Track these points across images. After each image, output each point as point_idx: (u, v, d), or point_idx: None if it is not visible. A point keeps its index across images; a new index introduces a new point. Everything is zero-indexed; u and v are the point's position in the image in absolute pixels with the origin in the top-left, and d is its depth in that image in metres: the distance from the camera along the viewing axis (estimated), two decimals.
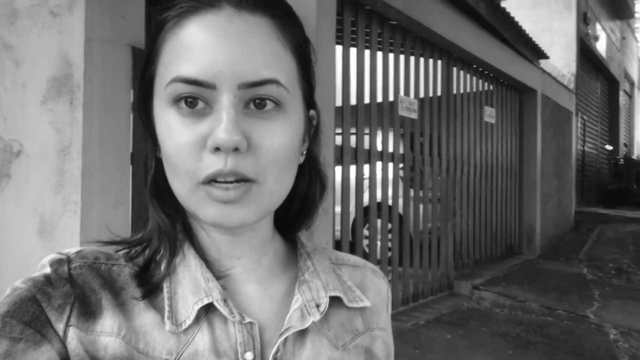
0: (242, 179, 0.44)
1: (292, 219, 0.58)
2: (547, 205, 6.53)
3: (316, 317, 0.51)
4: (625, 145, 12.08)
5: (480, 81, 5.42)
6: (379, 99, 3.88)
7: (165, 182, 0.50)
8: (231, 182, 0.44)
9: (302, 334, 0.50)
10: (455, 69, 4.94)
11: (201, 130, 0.44)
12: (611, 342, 3.47)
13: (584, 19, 9.02)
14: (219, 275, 0.51)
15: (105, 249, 0.51)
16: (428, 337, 3.42)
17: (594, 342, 3.47)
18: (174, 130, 0.45)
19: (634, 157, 11.50)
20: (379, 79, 3.85)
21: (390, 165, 4.01)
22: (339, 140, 3.34)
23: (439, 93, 4.71)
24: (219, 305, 0.47)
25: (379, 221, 3.93)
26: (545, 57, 6.30)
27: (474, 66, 5.22)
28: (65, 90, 1.58)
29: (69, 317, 0.44)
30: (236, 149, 0.43)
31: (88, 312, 0.45)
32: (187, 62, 0.44)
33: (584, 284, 4.93)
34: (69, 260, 0.48)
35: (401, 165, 4.15)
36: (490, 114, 5.58)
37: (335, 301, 0.54)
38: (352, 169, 3.55)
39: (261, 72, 0.44)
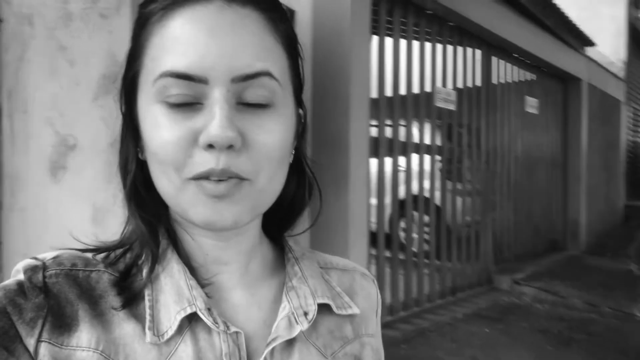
0: (236, 177, 0.43)
1: (279, 220, 0.56)
2: (593, 199, 6.37)
3: (304, 325, 0.49)
4: None
5: (522, 71, 5.34)
6: (416, 90, 3.90)
7: (145, 186, 0.49)
8: (223, 180, 0.43)
9: (290, 343, 0.49)
10: (494, 58, 4.88)
11: (192, 126, 0.42)
12: None
13: (634, 4, 8.74)
14: (204, 283, 0.49)
15: (84, 253, 0.49)
16: (466, 331, 3.44)
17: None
18: (162, 125, 0.43)
19: None
20: (415, 69, 3.87)
21: (427, 157, 4.03)
22: (374, 132, 3.39)
23: (478, 83, 4.68)
24: (203, 315, 0.46)
25: (415, 214, 3.96)
26: (591, 44, 6.13)
27: (515, 55, 5.14)
28: (114, 88, 1.71)
29: (40, 332, 0.42)
30: (230, 147, 0.42)
31: (63, 324, 0.43)
32: (176, 56, 0.42)
33: (631, 281, 4.81)
34: (44, 267, 0.45)
35: (439, 157, 4.16)
36: (532, 104, 5.48)
37: (323, 308, 0.53)
38: (388, 161, 3.59)
39: (254, 64, 0.43)
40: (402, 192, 3.88)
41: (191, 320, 0.46)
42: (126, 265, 0.48)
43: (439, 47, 4.17)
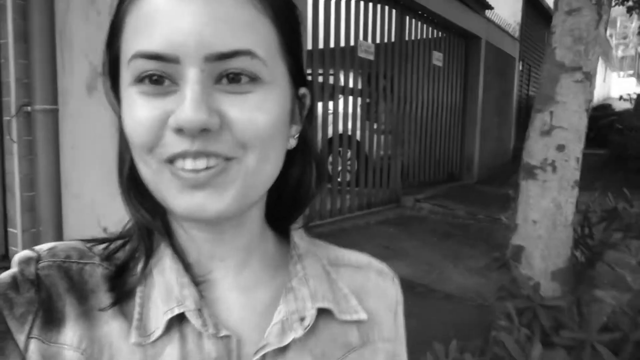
0: (214, 156, 0.40)
1: (284, 210, 0.53)
2: (486, 139, 7.81)
3: (298, 332, 0.46)
4: None
5: (430, 29, 6.46)
6: (342, 43, 4.88)
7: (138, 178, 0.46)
8: (202, 169, 0.40)
9: (282, 350, 0.46)
10: (407, 17, 5.93)
11: (164, 107, 0.40)
12: None
13: None
14: (197, 280, 0.47)
15: (81, 245, 0.48)
16: (377, 230, 4.65)
17: (501, 235, 4.79)
18: (135, 107, 0.41)
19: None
20: (342, 25, 4.84)
21: (351, 99, 5.07)
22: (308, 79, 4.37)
23: (393, 39, 5.74)
24: (191, 317, 0.44)
25: (340, 150, 5.04)
26: (490, 7, 7.36)
27: (425, 15, 6.23)
28: None
29: (31, 328, 0.42)
30: (205, 130, 0.39)
31: (53, 320, 0.42)
32: (147, 36, 0.40)
33: (506, 200, 6.28)
34: (38, 258, 0.45)
35: (360, 101, 5.22)
36: (438, 58, 6.66)
37: (326, 312, 0.49)
38: (319, 105, 4.60)
39: (231, 42, 0.39)
40: (330, 132, 4.93)
41: (181, 320, 0.44)
42: (123, 259, 0.47)
43: (362, 6, 5.15)
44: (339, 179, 5.00)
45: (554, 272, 2.35)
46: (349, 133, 5.09)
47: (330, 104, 4.80)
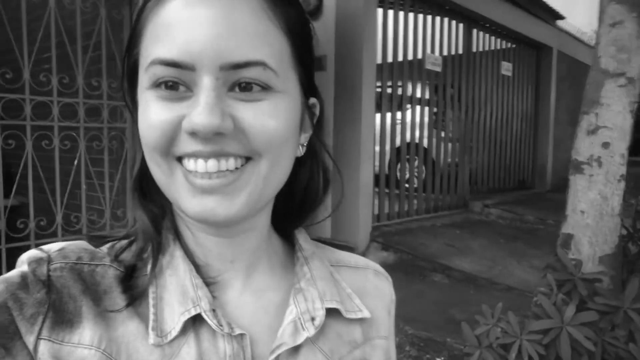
0: (226, 156, 0.43)
1: (290, 215, 0.56)
2: (559, 148, 7.83)
3: (310, 331, 0.49)
4: None
5: (499, 40, 6.71)
6: (410, 56, 5.30)
7: (152, 178, 0.48)
8: (214, 172, 0.43)
9: (295, 349, 0.49)
10: (475, 30, 6.24)
11: (179, 111, 0.43)
12: None
13: None
14: (208, 281, 0.49)
15: (90, 246, 0.49)
16: (442, 231, 4.97)
17: None
18: (150, 110, 0.44)
19: None
20: (410, 39, 5.26)
21: (418, 109, 5.46)
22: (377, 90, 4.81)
23: (460, 51, 6.07)
24: (207, 317, 0.46)
25: (409, 157, 5.42)
26: (561, 17, 7.48)
27: (492, 27, 6.50)
28: None
29: (40, 329, 0.43)
30: (219, 134, 0.42)
31: (64, 320, 0.44)
32: (165, 43, 0.42)
33: None
34: (49, 259, 0.46)
35: (428, 110, 5.59)
36: (507, 68, 6.88)
37: (332, 311, 0.52)
38: (389, 115, 5.03)
39: (246, 53, 0.42)
40: (398, 140, 5.28)
41: (195, 321, 0.46)
42: (132, 260, 0.48)
43: (429, 20, 5.54)
44: (406, 185, 5.38)
45: (601, 257, 2.62)
46: (417, 141, 5.46)
47: (399, 114, 5.21)
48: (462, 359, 2.28)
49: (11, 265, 0.58)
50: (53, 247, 0.48)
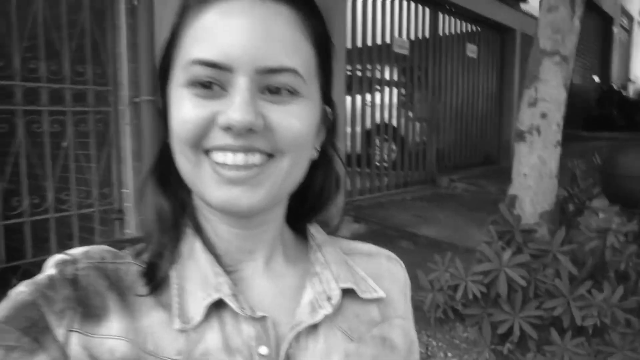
0: (253, 151, 0.47)
1: (303, 212, 0.60)
2: None
3: (328, 310, 0.52)
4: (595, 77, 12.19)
5: (464, 23, 7.06)
6: (379, 40, 5.59)
7: (169, 171, 0.52)
8: (241, 165, 0.46)
9: (314, 327, 0.52)
10: (440, 13, 6.56)
11: (213, 108, 0.46)
12: None
13: None
14: (229, 270, 0.52)
15: (112, 248, 0.52)
16: (411, 203, 5.34)
17: None
18: (185, 105, 0.47)
19: (616, 87, 12.11)
20: (378, 23, 5.50)
21: (387, 91, 5.77)
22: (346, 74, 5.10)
23: (427, 35, 6.39)
24: (229, 301, 0.49)
25: (379, 138, 5.74)
26: (524, 0, 7.86)
27: (458, 11, 6.84)
28: None
29: (70, 321, 0.45)
30: (250, 130, 0.46)
31: (92, 314, 0.47)
32: (206, 46, 0.46)
33: None
34: (74, 260, 0.49)
35: (395, 92, 5.91)
36: (472, 50, 7.25)
37: (348, 293, 0.55)
38: (359, 98, 5.32)
39: (280, 59, 0.47)
40: (369, 122, 5.56)
41: (218, 306, 0.49)
42: (152, 255, 0.51)
43: (396, 5, 5.82)
44: (376, 163, 5.72)
45: (541, 214, 3.00)
46: (386, 122, 5.79)
47: (369, 96, 5.53)
48: (421, 309, 2.64)
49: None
50: (77, 250, 0.51)
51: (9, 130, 2.98)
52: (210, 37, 0.47)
